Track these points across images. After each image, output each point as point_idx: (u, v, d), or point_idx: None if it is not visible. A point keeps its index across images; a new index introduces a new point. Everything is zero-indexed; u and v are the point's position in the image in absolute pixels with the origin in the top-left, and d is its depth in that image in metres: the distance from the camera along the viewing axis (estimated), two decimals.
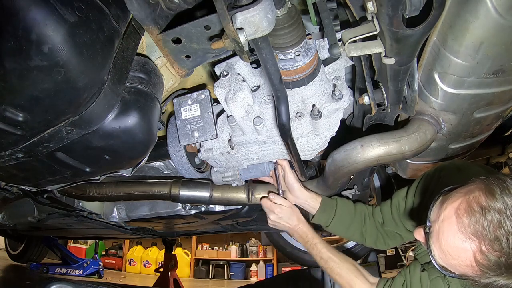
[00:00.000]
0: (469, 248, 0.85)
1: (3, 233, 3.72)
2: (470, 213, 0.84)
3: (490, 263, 0.83)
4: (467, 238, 0.85)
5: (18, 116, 0.84)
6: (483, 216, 0.82)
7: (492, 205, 0.82)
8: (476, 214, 0.83)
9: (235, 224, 2.49)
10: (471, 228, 0.84)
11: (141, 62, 1.04)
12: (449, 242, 0.88)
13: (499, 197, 0.82)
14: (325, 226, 1.52)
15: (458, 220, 0.86)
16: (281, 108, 0.98)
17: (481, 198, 0.84)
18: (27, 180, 1.21)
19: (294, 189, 1.47)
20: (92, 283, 1.75)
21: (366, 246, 1.57)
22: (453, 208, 0.89)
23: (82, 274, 4.86)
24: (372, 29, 0.85)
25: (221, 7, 0.74)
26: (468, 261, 0.86)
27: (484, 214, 0.82)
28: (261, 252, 7.39)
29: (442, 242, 0.90)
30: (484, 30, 0.84)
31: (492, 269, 0.83)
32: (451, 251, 0.88)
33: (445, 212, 0.90)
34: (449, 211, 0.89)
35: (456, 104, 1.10)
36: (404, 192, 1.40)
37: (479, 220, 0.83)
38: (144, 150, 1.10)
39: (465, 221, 0.85)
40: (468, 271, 0.88)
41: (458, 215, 0.86)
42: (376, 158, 1.22)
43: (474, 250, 0.84)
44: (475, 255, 0.84)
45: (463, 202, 0.87)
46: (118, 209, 1.98)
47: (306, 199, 1.48)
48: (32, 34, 0.70)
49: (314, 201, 1.48)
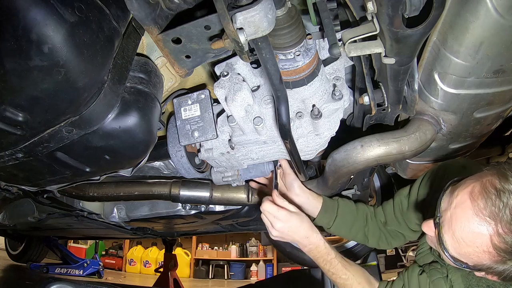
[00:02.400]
0: (486, 231, 0.83)
1: (3, 233, 3.72)
2: (485, 195, 0.83)
3: (508, 245, 0.82)
4: (483, 221, 0.83)
5: (18, 116, 0.84)
6: (499, 197, 0.81)
7: (507, 187, 0.81)
8: (492, 196, 0.82)
9: (235, 224, 2.48)
10: (487, 211, 0.83)
11: (141, 62, 1.04)
12: (464, 228, 0.86)
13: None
14: (327, 228, 1.47)
15: (473, 203, 0.85)
16: (281, 108, 0.98)
17: (495, 181, 0.83)
18: (27, 180, 1.21)
19: (294, 186, 1.42)
20: (92, 283, 1.75)
21: (368, 246, 1.53)
22: (467, 192, 0.87)
23: (82, 274, 4.86)
24: (372, 29, 0.85)
25: (221, 7, 0.74)
26: (485, 247, 0.85)
27: (500, 196, 0.81)
28: (261, 252, 7.39)
29: (456, 229, 0.88)
30: (484, 30, 0.84)
31: (509, 253, 0.83)
32: (466, 237, 0.86)
33: (458, 198, 0.89)
34: (462, 196, 0.88)
35: (456, 104, 1.10)
36: (406, 191, 1.39)
37: (495, 202, 0.82)
38: (144, 150, 1.09)
39: (480, 204, 0.84)
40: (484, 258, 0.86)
41: (473, 198, 0.85)
42: (376, 158, 1.22)
43: (491, 233, 0.83)
44: (492, 238, 0.83)
45: (476, 186, 0.86)
46: (118, 209, 1.98)
47: (307, 196, 1.43)
48: (32, 34, 0.69)
49: (316, 199, 1.44)
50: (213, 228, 2.69)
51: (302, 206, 1.44)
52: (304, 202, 1.44)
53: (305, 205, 1.45)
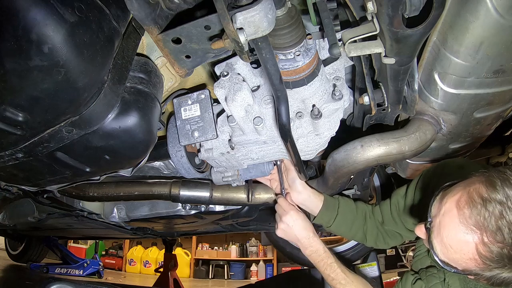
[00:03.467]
0: (471, 240, 0.84)
1: (3, 233, 3.72)
2: (471, 205, 0.84)
3: (493, 254, 0.82)
4: (468, 230, 0.84)
5: (18, 116, 0.84)
6: (485, 207, 0.82)
7: (493, 196, 0.82)
8: (478, 206, 0.83)
9: (235, 224, 2.48)
10: (472, 220, 0.83)
11: (141, 62, 1.04)
12: (451, 235, 0.87)
13: (500, 188, 0.81)
14: (326, 226, 1.48)
15: (459, 212, 0.85)
16: (281, 108, 0.98)
17: (482, 190, 0.84)
18: (27, 180, 1.21)
19: (296, 183, 1.43)
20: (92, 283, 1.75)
21: (366, 245, 1.54)
22: (454, 200, 0.88)
23: (82, 274, 4.86)
24: (372, 29, 0.85)
25: (221, 7, 0.74)
26: (471, 254, 0.85)
27: (486, 205, 0.82)
28: (261, 252, 7.39)
29: (444, 235, 0.89)
30: (484, 30, 0.84)
31: (495, 261, 0.83)
32: (453, 244, 0.87)
33: (446, 206, 0.89)
34: (449, 204, 0.89)
35: (456, 104, 1.10)
36: (403, 191, 1.39)
37: (481, 212, 0.82)
38: (144, 150, 1.09)
39: (466, 213, 0.84)
40: (471, 265, 0.87)
41: (459, 207, 0.86)
42: (376, 158, 1.22)
43: (476, 242, 0.83)
44: (478, 247, 0.83)
45: (463, 194, 0.87)
46: (118, 209, 1.98)
47: (309, 194, 1.44)
48: (32, 34, 0.69)
49: (317, 197, 1.45)
50: (213, 228, 2.69)
51: (303, 203, 1.46)
52: (305, 200, 1.45)
53: (306, 203, 1.46)
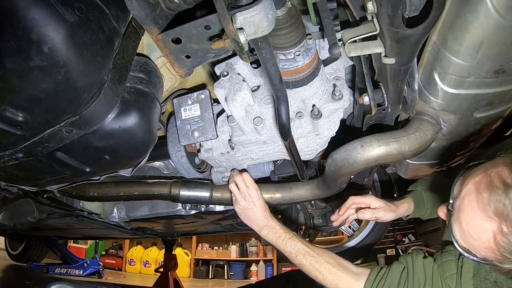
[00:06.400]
0: (489, 228, 0.78)
1: (3, 233, 3.72)
2: (491, 189, 0.77)
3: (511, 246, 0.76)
4: (487, 217, 0.78)
5: (18, 116, 0.84)
6: (505, 193, 0.75)
7: None
8: (498, 191, 0.76)
9: (235, 224, 2.48)
10: (491, 206, 0.77)
11: (141, 62, 1.04)
12: (469, 221, 0.81)
13: None
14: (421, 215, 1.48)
15: (478, 196, 0.79)
16: (281, 108, 0.98)
17: (504, 173, 0.77)
18: (27, 180, 1.21)
19: (388, 210, 1.38)
20: (92, 283, 1.75)
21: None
22: (475, 182, 0.82)
23: (82, 274, 4.85)
24: (372, 29, 0.85)
25: (221, 7, 0.74)
26: (488, 243, 0.79)
27: (506, 192, 0.75)
28: (261, 252, 7.39)
29: (462, 220, 0.83)
30: (484, 30, 0.84)
31: None
32: (471, 230, 0.81)
33: (467, 187, 0.83)
34: (470, 186, 0.83)
35: (456, 104, 1.10)
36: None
37: (501, 198, 0.75)
38: (144, 150, 1.09)
39: (484, 197, 0.78)
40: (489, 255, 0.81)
41: (479, 190, 0.80)
42: (376, 158, 1.22)
43: (495, 231, 0.77)
44: (496, 236, 0.77)
45: (485, 177, 0.80)
46: (118, 209, 1.98)
47: (405, 210, 1.43)
48: (32, 34, 0.69)
49: (408, 202, 1.45)
50: (213, 228, 2.69)
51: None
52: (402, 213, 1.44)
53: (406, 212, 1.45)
